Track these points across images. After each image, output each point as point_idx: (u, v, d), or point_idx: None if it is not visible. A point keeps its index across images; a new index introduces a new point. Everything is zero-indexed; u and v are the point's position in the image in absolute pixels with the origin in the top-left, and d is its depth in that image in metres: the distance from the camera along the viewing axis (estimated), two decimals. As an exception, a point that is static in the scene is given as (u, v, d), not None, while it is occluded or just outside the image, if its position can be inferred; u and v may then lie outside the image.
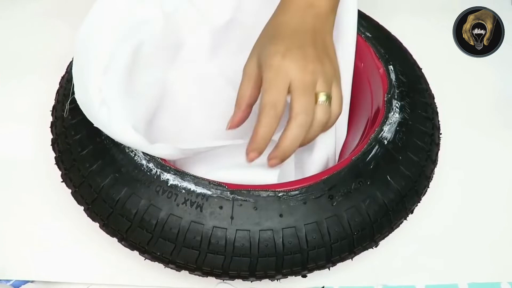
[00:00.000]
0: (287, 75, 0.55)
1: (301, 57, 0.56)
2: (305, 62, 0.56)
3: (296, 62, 0.56)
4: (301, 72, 0.55)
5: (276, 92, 0.55)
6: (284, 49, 0.56)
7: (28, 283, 0.64)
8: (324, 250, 0.55)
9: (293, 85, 0.55)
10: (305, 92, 0.55)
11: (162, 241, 0.54)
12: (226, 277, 0.56)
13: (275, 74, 0.55)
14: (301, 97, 0.55)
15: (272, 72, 0.56)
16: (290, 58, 0.56)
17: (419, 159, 0.61)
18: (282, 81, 0.55)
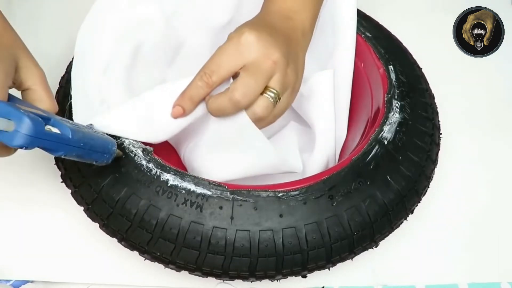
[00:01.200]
0: (244, 52, 0.53)
1: (270, 43, 0.53)
2: (272, 50, 0.53)
3: (262, 43, 0.53)
4: (263, 55, 0.53)
5: (220, 61, 0.53)
6: (255, 30, 0.54)
7: (28, 283, 0.64)
8: (324, 250, 0.55)
9: (248, 63, 0.53)
10: (255, 75, 0.53)
11: (162, 241, 0.54)
12: (226, 278, 0.56)
13: (232, 45, 0.53)
14: (248, 78, 0.53)
15: (232, 42, 0.53)
16: (259, 37, 0.53)
17: (419, 159, 0.61)
18: (234, 54, 0.53)
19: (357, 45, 0.69)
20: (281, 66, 0.54)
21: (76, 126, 0.49)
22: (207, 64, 0.54)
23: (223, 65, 0.54)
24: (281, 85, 0.54)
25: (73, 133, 0.47)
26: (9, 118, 0.42)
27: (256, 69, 0.53)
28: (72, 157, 0.48)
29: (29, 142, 0.42)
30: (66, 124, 0.47)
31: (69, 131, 0.46)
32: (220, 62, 0.54)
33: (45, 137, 0.44)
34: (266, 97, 0.54)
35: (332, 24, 0.70)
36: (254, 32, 0.54)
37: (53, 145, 0.45)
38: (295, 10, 0.60)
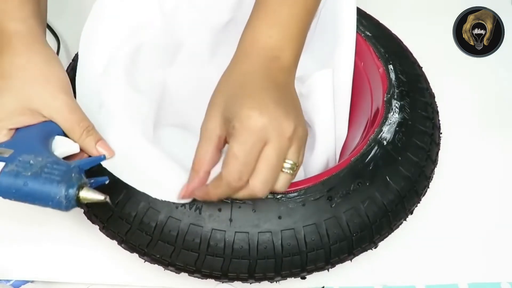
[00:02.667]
0: (263, 138, 0.49)
1: (280, 115, 0.50)
2: (283, 124, 0.49)
3: (275, 121, 0.49)
4: (280, 137, 0.49)
5: (246, 161, 0.49)
6: (258, 105, 0.50)
7: (28, 283, 0.64)
8: (323, 252, 0.55)
9: (266, 151, 0.49)
10: (275, 165, 0.50)
11: (162, 244, 0.54)
12: (225, 279, 0.56)
13: (250, 137, 0.49)
14: (269, 171, 0.49)
15: (246, 133, 0.49)
16: (269, 114, 0.49)
17: (419, 159, 0.61)
18: (257, 146, 0.49)
19: (357, 44, 0.69)
20: (294, 133, 0.50)
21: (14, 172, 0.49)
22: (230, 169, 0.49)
23: (250, 164, 0.49)
24: (296, 154, 0.51)
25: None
26: None
27: (276, 156, 0.49)
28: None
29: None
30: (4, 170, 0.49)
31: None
32: (246, 162, 0.49)
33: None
34: (284, 172, 0.51)
35: (332, 24, 0.69)
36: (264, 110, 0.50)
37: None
38: (281, 47, 0.55)
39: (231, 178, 0.49)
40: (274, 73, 0.54)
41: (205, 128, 0.53)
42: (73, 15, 0.81)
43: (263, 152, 0.49)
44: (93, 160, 0.54)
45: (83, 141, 0.54)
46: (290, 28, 0.56)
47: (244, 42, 0.57)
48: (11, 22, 0.57)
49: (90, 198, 0.49)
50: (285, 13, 0.56)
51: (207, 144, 0.52)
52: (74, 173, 0.50)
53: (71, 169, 0.50)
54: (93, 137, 0.55)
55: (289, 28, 0.56)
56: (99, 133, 0.56)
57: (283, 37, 0.56)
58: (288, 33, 0.56)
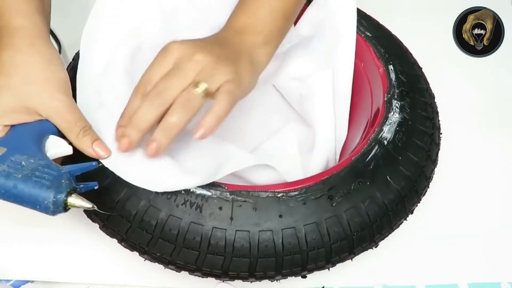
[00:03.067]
0: (172, 57, 0.55)
1: (195, 48, 0.56)
2: (196, 52, 0.55)
3: (186, 48, 0.56)
4: (186, 57, 0.55)
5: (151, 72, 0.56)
6: (182, 41, 0.57)
7: (28, 283, 0.64)
8: (323, 251, 0.55)
9: (172, 68, 0.55)
10: (175, 75, 0.55)
11: (162, 242, 0.54)
12: (226, 278, 0.56)
13: (162, 54, 0.56)
14: (168, 77, 0.55)
15: (161, 52, 0.57)
16: (183, 44, 0.56)
17: (419, 159, 0.61)
18: (163, 62, 0.56)
19: (357, 45, 0.69)
20: (207, 61, 0.55)
21: (5, 173, 0.49)
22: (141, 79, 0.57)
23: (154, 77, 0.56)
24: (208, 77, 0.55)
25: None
26: None
27: (176, 67, 0.55)
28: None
29: None
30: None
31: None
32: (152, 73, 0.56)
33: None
34: (189, 90, 0.54)
35: (332, 24, 0.70)
36: (178, 42, 0.57)
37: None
38: (247, 28, 0.61)
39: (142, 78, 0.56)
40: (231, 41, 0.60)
41: None
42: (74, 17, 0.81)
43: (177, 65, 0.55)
44: (85, 166, 0.53)
45: (80, 140, 0.55)
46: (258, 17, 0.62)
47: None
48: (16, 17, 0.57)
49: (77, 205, 0.50)
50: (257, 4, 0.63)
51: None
52: (64, 179, 0.50)
53: (62, 175, 0.50)
54: (90, 136, 0.55)
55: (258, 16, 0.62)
56: (96, 133, 0.56)
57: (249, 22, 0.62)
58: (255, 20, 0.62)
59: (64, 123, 0.54)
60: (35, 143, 0.53)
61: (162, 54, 0.56)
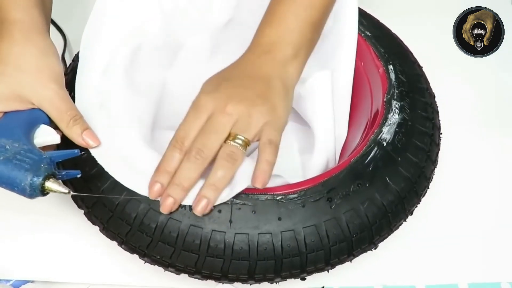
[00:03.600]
0: (206, 112, 0.55)
1: (226, 98, 0.55)
2: (227, 103, 0.55)
3: (217, 101, 0.55)
4: (219, 110, 0.55)
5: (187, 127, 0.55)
6: (212, 89, 0.57)
7: (28, 283, 0.64)
8: (323, 253, 0.55)
9: (207, 123, 0.55)
10: (211, 131, 0.54)
11: (162, 245, 0.54)
12: (225, 280, 0.56)
13: (194, 109, 0.56)
14: (204, 134, 0.54)
15: (192, 107, 0.56)
16: (213, 96, 0.56)
17: (419, 160, 0.61)
18: (197, 118, 0.55)
19: (357, 45, 0.69)
20: (240, 111, 0.55)
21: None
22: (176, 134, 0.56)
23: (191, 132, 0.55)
24: (246, 128, 0.55)
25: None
26: None
27: (210, 124, 0.55)
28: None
29: None
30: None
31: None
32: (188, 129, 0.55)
33: None
34: (229, 144, 0.54)
35: (333, 24, 0.69)
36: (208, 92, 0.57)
37: None
38: (276, 43, 0.60)
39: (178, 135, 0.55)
40: (262, 65, 0.59)
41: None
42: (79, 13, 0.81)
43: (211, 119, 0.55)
44: (67, 153, 0.55)
45: (70, 129, 0.56)
46: (285, 28, 0.61)
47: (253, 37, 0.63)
48: (14, 11, 0.59)
49: (54, 189, 0.52)
50: (284, 16, 0.61)
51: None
52: (44, 163, 0.52)
53: (42, 159, 0.52)
54: (80, 125, 0.56)
55: (284, 28, 0.61)
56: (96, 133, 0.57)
57: (277, 35, 0.61)
58: (282, 32, 0.61)
59: (55, 112, 0.56)
60: (24, 130, 0.55)
61: (194, 110, 0.56)
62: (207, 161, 0.54)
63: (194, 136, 0.54)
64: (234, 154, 0.54)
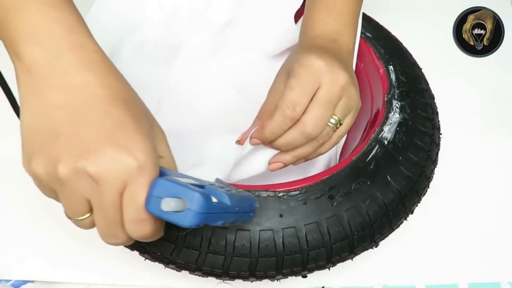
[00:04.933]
0: (318, 78, 0.52)
1: (337, 67, 0.53)
2: (340, 75, 0.53)
3: (330, 68, 0.52)
4: (333, 82, 0.52)
5: (301, 92, 0.52)
6: (317, 53, 0.53)
7: (28, 283, 0.64)
8: (324, 250, 0.55)
9: (319, 92, 0.52)
10: (326, 106, 0.52)
11: (162, 242, 0.54)
12: (226, 277, 0.56)
13: (306, 73, 0.52)
14: (320, 108, 0.52)
15: (303, 69, 0.52)
16: (325, 60, 0.52)
17: (419, 159, 0.61)
18: (311, 82, 0.52)
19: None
20: (348, 90, 0.53)
21: (226, 189, 0.45)
22: (286, 98, 0.53)
23: (304, 96, 0.52)
24: (344, 110, 0.54)
25: (230, 199, 0.42)
26: (179, 196, 0.38)
27: (326, 98, 0.52)
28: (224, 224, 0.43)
29: (203, 219, 0.38)
30: (221, 191, 0.42)
31: (227, 198, 0.42)
32: (300, 93, 0.52)
33: (212, 211, 0.39)
34: (328, 127, 0.54)
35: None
36: (322, 57, 0.53)
37: (215, 217, 0.41)
38: (339, 31, 0.59)
39: (285, 105, 0.52)
40: (333, 53, 0.56)
41: (272, 86, 0.57)
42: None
43: (315, 94, 0.52)
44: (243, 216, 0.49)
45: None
46: (343, 16, 0.60)
47: (305, 31, 0.61)
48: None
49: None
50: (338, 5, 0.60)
51: (271, 97, 0.56)
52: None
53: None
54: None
55: (342, 15, 0.60)
56: None
57: (338, 23, 0.59)
58: (342, 20, 0.60)
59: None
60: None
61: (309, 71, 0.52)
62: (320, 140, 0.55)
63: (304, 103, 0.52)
64: (327, 136, 0.55)
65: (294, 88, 0.52)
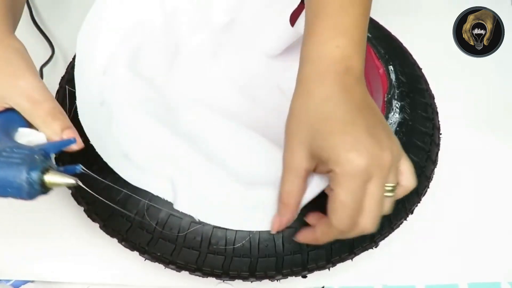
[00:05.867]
0: (368, 177, 0.46)
1: (376, 148, 0.47)
2: (383, 157, 0.47)
3: (374, 159, 0.46)
4: (381, 172, 0.47)
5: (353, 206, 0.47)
6: (353, 144, 0.46)
7: (28, 283, 0.64)
8: (324, 251, 0.55)
9: (371, 187, 0.47)
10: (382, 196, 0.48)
11: (162, 242, 0.54)
12: (226, 278, 0.56)
13: (354, 181, 0.46)
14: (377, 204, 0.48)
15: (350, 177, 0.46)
16: (367, 154, 0.46)
17: (419, 160, 0.61)
18: (362, 188, 0.46)
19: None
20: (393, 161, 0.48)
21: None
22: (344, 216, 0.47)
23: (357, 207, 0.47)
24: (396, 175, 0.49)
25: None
26: None
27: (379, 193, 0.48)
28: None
29: None
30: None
31: None
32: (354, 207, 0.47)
33: None
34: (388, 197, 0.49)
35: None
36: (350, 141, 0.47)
37: None
38: (349, 56, 0.52)
39: (343, 226, 0.47)
40: (352, 90, 0.50)
41: (290, 160, 0.50)
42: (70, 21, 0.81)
43: (368, 190, 0.47)
44: (61, 143, 0.47)
45: (47, 126, 0.48)
46: (352, 34, 0.52)
47: (310, 55, 0.53)
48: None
49: (58, 182, 0.44)
50: (345, 20, 0.53)
51: (295, 177, 0.50)
52: (38, 155, 0.43)
53: (35, 152, 0.44)
54: (60, 122, 0.49)
55: (352, 34, 0.52)
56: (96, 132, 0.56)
57: (349, 44, 0.52)
58: (352, 39, 0.52)
59: (28, 105, 0.48)
60: (2, 133, 0.47)
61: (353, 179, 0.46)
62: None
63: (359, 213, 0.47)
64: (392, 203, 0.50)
65: (348, 205, 0.47)
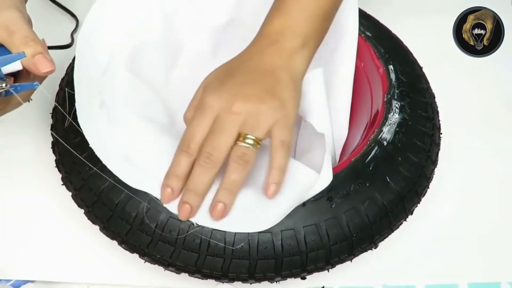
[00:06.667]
0: (212, 113, 0.54)
1: (232, 96, 0.54)
2: (233, 102, 0.53)
3: (222, 100, 0.54)
4: (225, 111, 0.53)
5: (192, 129, 0.54)
6: (216, 86, 0.56)
7: (28, 283, 0.64)
8: (323, 252, 0.55)
9: (213, 124, 0.54)
10: (219, 132, 0.53)
11: (162, 244, 0.54)
12: (226, 280, 0.56)
13: (200, 111, 0.55)
14: (213, 135, 0.53)
15: (198, 108, 0.55)
16: (218, 95, 0.54)
17: (419, 160, 0.61)
18: (205, 120, 0.54)
19: (357, 45, 0.69)
20: (248, 109, 0.54)
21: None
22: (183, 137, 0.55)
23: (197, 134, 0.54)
24: (254, 126, 0.54)
25: None
26: None
27: (217, 124, 0.54)
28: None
29: None
30: None
31: None
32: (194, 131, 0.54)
33: None
34: (239, 145, 0.53)
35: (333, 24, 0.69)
36: (212, 90, 0.55)
37: None
38: (284, 32, 0.59)
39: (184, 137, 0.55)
40: (267, 57, 0.58)
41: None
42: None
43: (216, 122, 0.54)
44: (11, 57, 0.49)
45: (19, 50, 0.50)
46: (294, 18, 0.59)
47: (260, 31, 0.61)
48: None
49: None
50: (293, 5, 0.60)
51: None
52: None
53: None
54: (33, 48, 0.50)
55: (293, 17, 0.59)
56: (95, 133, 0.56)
57: (285, 25, 0.59)
58: (290, 21, 0.59)
59: (5, 35, 0.50)
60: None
61: (200, 111, 0.55)
62: (218, 164, 0.53)
63: (201, 138, 0.54)
64: (245, 156, 0.53)
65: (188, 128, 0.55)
